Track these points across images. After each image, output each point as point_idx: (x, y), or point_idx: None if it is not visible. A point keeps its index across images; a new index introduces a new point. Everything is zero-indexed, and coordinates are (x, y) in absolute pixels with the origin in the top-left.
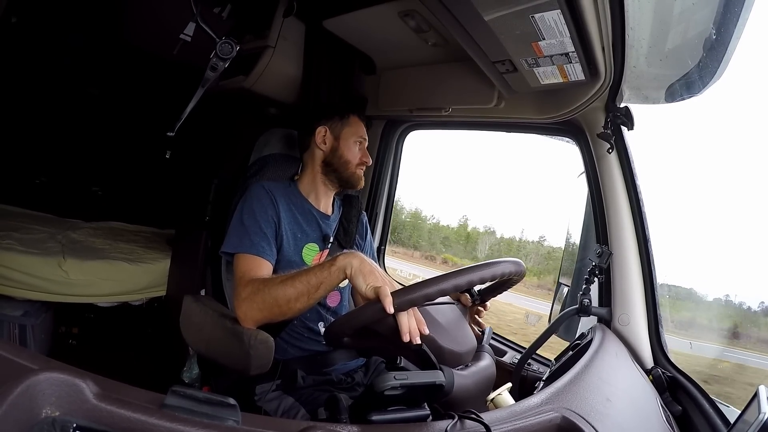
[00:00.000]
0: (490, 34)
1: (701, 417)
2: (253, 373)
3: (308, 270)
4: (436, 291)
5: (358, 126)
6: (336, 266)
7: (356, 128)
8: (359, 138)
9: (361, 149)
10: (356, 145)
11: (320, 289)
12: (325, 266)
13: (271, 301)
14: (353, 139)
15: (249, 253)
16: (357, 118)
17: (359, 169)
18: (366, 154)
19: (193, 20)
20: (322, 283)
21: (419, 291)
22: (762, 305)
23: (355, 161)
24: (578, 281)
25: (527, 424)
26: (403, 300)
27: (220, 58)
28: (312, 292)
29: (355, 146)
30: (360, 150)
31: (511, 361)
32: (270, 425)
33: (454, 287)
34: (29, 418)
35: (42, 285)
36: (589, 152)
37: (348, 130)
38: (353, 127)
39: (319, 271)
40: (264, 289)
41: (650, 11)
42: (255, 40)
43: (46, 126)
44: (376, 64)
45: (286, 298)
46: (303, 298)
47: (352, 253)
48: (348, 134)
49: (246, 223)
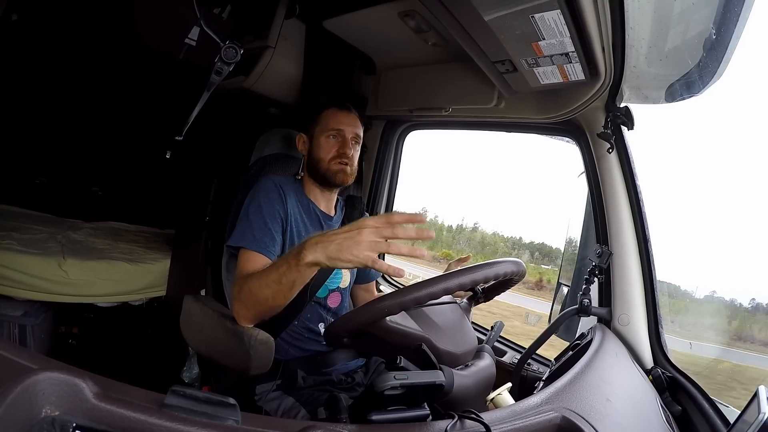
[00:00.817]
0: (490, 34)
1: (701, 417)
2: (253, 373)
3: (277, 263)
4: (441, 289)
5: (330, 119)
6: (303, 263)
7: (327, 122)
8: (331, 131)
9: (338, 141)
10: (329, 139)
11: (293, 288)
12: (291, 264)
13: (253, 298)
14: (324, 135)
15: (250, 248)
16: (333, 110)
17: (334, 163)
18: (344, 144)
19: (197, 25)
20: (294, 282)
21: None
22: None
23: (327, 156)
24: (578, 281)
25: (527, 424)
26: (408, 299)
27: (224, 62)
28: (286, 291)
29: (327, 141)
30: (337, 143)
31: (511, 361)
32: (270, 425)
33: (459, 285)
34: (29, 418)
35: (42, 285)
36: (589, 152)
37: (318, 128)
38: (324, 122)
39: (287, 271)
40: (245, 287)
41: (650, 11)
42: (255, 40)
43: (47, 126)
44: (376, 64)
45: (263, 296)
46: (279, 296)
47: (314, 240)
48: (318, 132)
49: (251, 217)
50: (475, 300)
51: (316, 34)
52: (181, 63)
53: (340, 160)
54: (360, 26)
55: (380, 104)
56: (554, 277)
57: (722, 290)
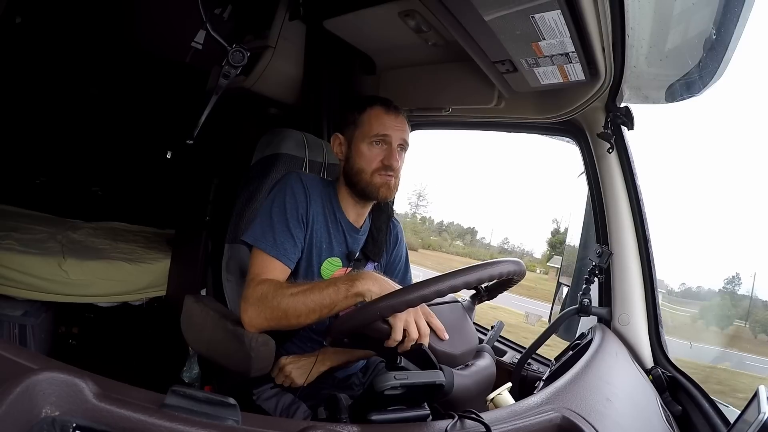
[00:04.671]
0: (490, 34)
1: (701, 417)
2: (253, 374)
3: (322, 286)
4: (447, 287)
5: (374, 122)
6: (353, 291)
7: (371, 126)
8: (375, 137)
9: (383, 150)
10: (372, 146)
11: (333, 309)
12: (341, 288)
13: (279, 312)
14: (367, 141)
15: (269, 252)
16: (378, 109)
17: (379, 175)
18: (391, 154)
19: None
20: (335, 305)
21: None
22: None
23: (370, 168)
24: (578, 281)
25: (527, 424)
26: (414, 296)
27: (232, 66)
28: (323, 311)
29: (371, 149)
30: (382, 151)
31: (511, 361)
32: (270, 425)
33: (464, 284)
34: (29, 418)
35: (42, 285)
36: (589, 152)
37: (360, 132)
38: (366, 126)
39: (334, 293)
40: (274, 298)
41: (650, 11)
42: (255, 40)
43: (47, 126)
44: (376, 64)
45: (295, 313)
46: (313, 315)
47: (371, 275)
48: (360, 137)
49: (274, 217)
50: (478, 298)
51: (316, 34)
52: (183, 63)
53: (385, 172)
54: (360, 26)
55: None
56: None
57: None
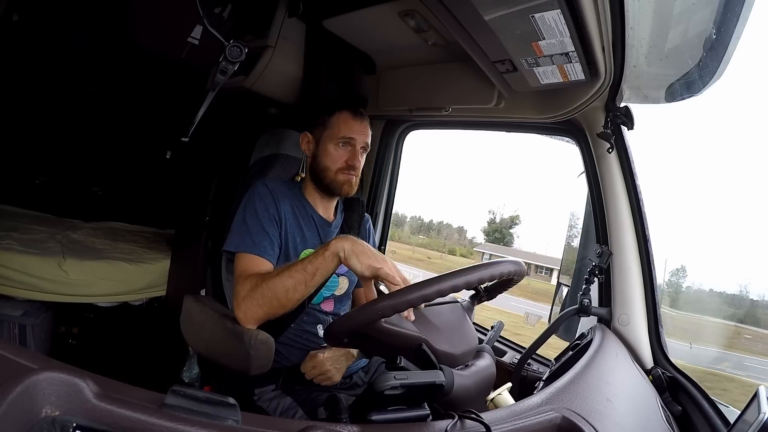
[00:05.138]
0: (490, 33)
1: (701, 417)
2: (253, 373)
3: (303, 259)
4: (449, 287)
5: (341, 125)
6: (329, 251)
7: (339, 128)
8: (342, 139)
9: (347, 151)
10: (338, 147)
11: (316, 275)
12: (319, 252)
13: (270, 294)
14: (334, 142)
15: (250, 252)
16: (346, 114)
17: (342, 174)
18: (354, 156)
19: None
20: (318, 269)
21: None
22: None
23: (335, 166)
24: (578, 281)
25: (527, 424)
26: (417, 295)
27: (229, 62)
28: (309, 279)
29: (336, 149)
30: (346, 152)
31: (511, 361)
32: (270, 425)
33: (466, 283)
34: (29, 418)
35: (42, 285)
36: (589, 152)
37: (328, 134)
38: (334, 127)
39: (313, 258)
40: (262, 283)
41: (650, 11)
42: (255, 39)
43: (46, 126)
44: (376, 64)
45: (284, 289)
46: (300, 286)
47: (343, 236)
48: (327, 137)
49: (248, 222)
50: (478, 299)
51: (316, 34)
52: (182, 63)
53: (348, 171)
54: (360, 26)
55: (380, 104)
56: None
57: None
